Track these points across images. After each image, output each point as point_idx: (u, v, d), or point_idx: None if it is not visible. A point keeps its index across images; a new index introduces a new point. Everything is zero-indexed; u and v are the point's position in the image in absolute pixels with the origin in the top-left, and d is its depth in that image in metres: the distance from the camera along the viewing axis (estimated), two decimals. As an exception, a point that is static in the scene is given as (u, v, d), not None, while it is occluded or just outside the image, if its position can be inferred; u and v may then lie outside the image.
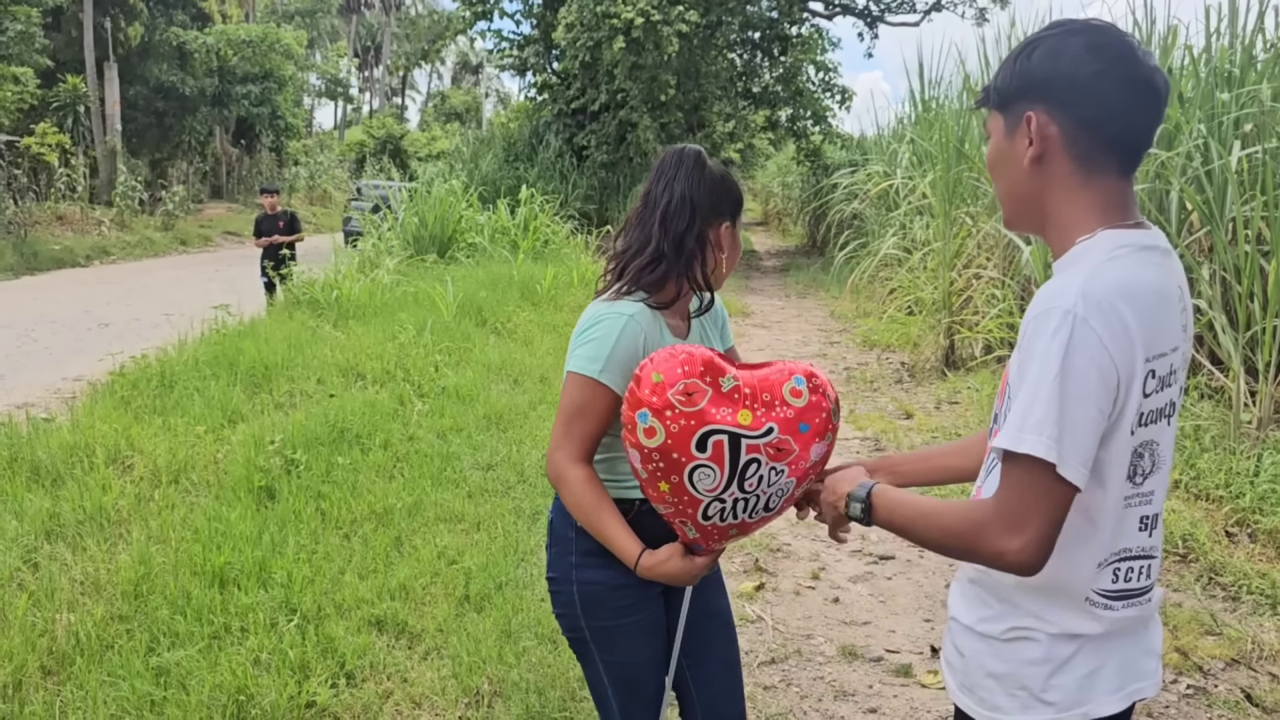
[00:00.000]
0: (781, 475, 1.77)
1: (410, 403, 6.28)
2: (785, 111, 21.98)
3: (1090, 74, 1.39)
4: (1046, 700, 1.45)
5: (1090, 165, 1.42)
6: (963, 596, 1.56)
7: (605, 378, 1.89)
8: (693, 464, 1.73)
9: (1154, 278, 1.39)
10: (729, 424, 1.72)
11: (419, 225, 13.63)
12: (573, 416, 1.93)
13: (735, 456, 1.73)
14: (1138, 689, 1.48)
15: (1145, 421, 1.39)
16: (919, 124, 11.29)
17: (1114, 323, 1.31)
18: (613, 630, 2.06)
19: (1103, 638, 1.45)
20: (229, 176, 31.38)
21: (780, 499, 1.83)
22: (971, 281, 8.75)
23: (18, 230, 18.18)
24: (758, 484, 1.77)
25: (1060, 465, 1.29)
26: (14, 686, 3.05)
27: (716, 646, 2.23)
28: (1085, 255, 1.39)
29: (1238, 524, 4.60)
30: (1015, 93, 1.46)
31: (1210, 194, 5.73)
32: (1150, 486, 1.44)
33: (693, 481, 1.75)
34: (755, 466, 1.74)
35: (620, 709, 2.12)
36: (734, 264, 2.10)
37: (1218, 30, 6.65)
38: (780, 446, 1.74)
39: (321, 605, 3.67)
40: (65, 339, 10.09)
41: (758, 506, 1.81)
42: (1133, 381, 1.34)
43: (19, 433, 5.24)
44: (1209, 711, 3.30)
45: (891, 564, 4.60)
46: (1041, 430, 1.29)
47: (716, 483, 1.74)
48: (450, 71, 66.94)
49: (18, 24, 17.73)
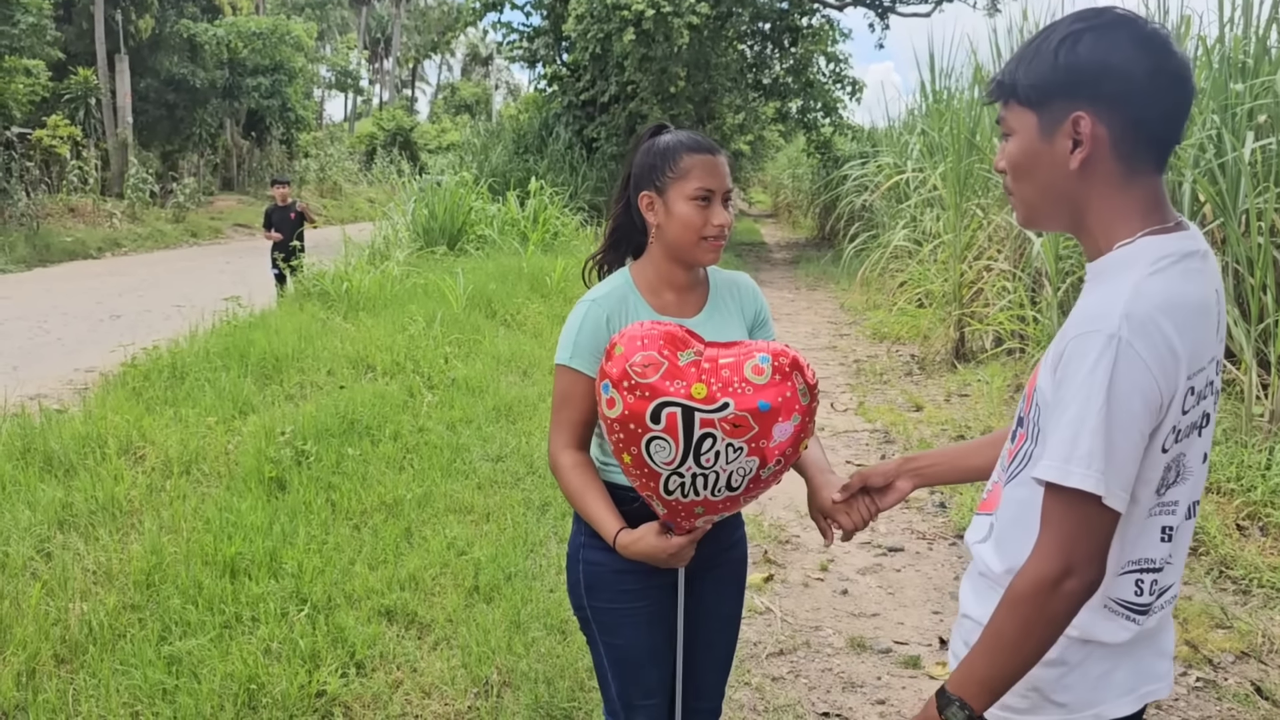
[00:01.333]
0: (741, 453, 1.77)
1: (420, 394, 6.29)
2: (795, 103, 21.91)
3: (1145, 72, 1.32)
4: (1057, 701, 1.43)
5: (1133, 165, 1.36)
6: (975, 593, 1.53)
7: (575, 363, 1.99)
8: (648, 435, 1.76)
9: (1196, 290, 1.34)
10: (681, 396, 1.74)
11: (429, 217, 13.63)
12: (558, 405, 2.03)
13: (689, 430, 1.74)
14: (1150, 690, 1.46)
15: (1180, 438, 1.36)
16: (930, 115, 11.25)
17: (1158, 344, 1.27)
18: (613, 613, 2.10)
19: (1117, 645, 1.43)
20: (239, 169, 31.42)
21: (744, 478, 1.82)
22: (982, 274, 8.72)
23: (30, 222, 18.24)
24: (715, 460, 1.77)
25: (1106, 497, 1.27)
26: (28, 674, 3.08)
27: (717, 646, 2.25)
28: (1128, 266, 1.33)
29: (1249, 517, 4.58)
30: (1058, 89, 1.35)
31: (1223, 185, 5.69)
32: (1174, 496, 1.40)
33: (650, 454, 1.77)
34: (711, 442, 1.75)
35: (619, 693, 2.15)
36: (691, 236, 1.99)
37: (1231, 20, 6.60)
38: (737, 423, 1.74)
39: (332, 595, 3.69)
40: (77, 330, 10.14)
41: (719, 484, 1.81)
42: (1175, 401, 1.31)
43: (32, 423, 5.27)
44: (1219, 705, 3.29)
45: (900, 556, 4.60)
46: (1090, 464, 1.27)
47: (673, 456, 1.76)
48: (460, 63, 67.01)
49: (29, 16, 17.73)
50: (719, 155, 2.03)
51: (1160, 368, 1.28)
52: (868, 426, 6.83)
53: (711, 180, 1.99)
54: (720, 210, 2.01)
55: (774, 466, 1.81)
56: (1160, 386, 1.28)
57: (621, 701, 2.15)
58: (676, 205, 2.00)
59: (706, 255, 2.03)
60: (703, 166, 1.99)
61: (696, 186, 1.98)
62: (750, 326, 2.15)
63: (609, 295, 2.06)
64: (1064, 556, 1.30)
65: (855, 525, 1.92)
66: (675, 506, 1.85)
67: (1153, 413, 1.29)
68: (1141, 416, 1.28)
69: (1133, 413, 1.27)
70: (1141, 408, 1.28)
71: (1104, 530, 1.30)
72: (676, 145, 2.02)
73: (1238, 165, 5.63)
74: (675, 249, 2.03)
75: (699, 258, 2.03)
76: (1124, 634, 1.41)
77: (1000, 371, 7.64)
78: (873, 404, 7.44)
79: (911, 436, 6.48)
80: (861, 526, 1.92)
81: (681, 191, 1.99)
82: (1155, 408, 1.29)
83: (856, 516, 1.91)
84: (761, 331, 2.17)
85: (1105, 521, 1.30)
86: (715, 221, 2.00)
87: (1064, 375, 1.31)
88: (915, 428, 6.71)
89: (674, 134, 2.07)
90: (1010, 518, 1.48)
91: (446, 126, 44.57)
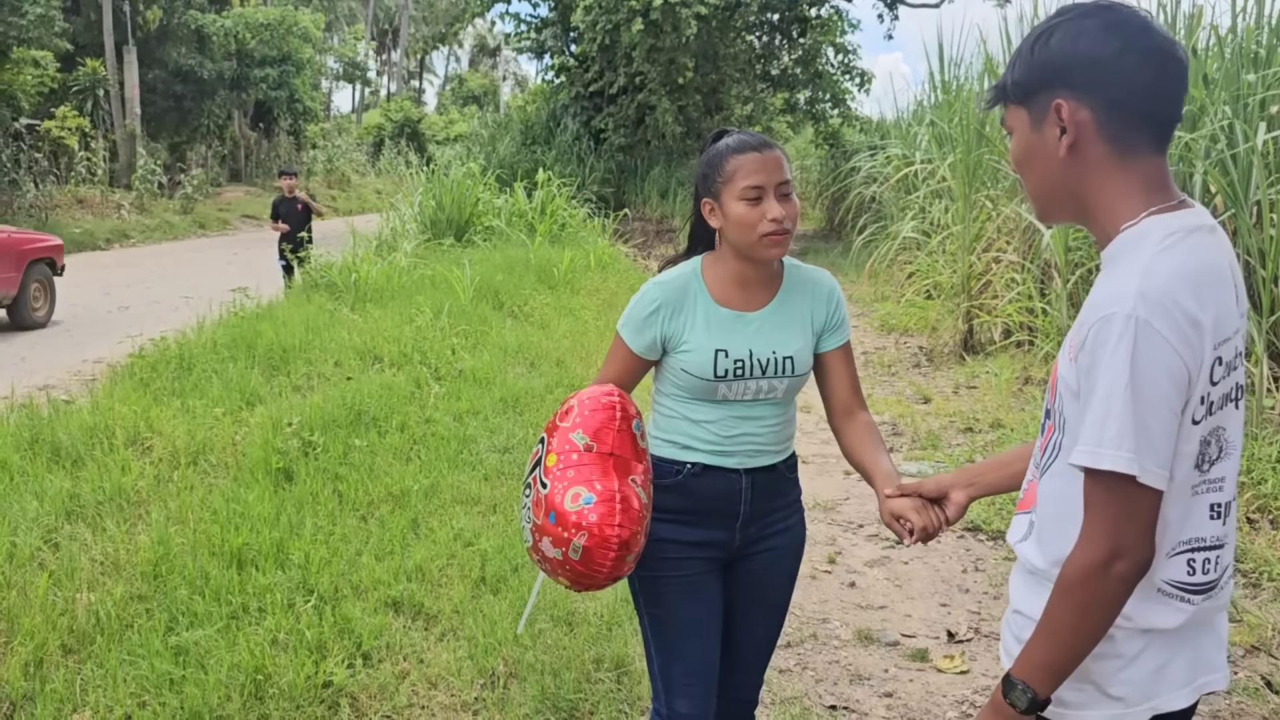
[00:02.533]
0: (527, 512, 2.05)
1: (427, 386, 6.29)
2: (804, 94, 21.79)
3: (1112, 53, 1.37)
4: (1114, 695, 1.42)
5: (1125, 146, 1.40)
6: (1026, 588, 1.51)
7: (623, 332, 2.15)
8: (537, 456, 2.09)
9: (1210, 260, 1.36)
10: (540, 454, 2.06)
11: (436, 209, 13.63)
12: (606, 361, 2.21)
13: (531, 469, 2.07)
14: (1207, 682, 1.45)
15: (1213, 409, 1.37)
16: (939, 106, 11.20)
17: (1177, 318, 1.29)
18: (654, 581, 2.17)
19: (1175, 631, 1.41)
20: (247, 160, 31.45)
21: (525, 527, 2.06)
22: (991, 265, 8.68)
23: (39, 213, 18.30)
24: (525, 497, 2.07)
25: (1141, 475, 1.29)
26: (36, 664, 3.09)
27: (757, 629, 2.29)
28: (1136, 246, 1.36)
29: (1259, 510, 4.56)
30: (1037, 83, 1.43)
31: (1235, 176, 5.65)
32: (1220, 473, 1.41)
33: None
34: (528, 490, 2.05)
35: (661, 669, 2.20)
36: (750, 234, 2.03)
37: (1244, 9, 6.55)
38: (537, 502, 2.01)
39: (338, 586, 3.69)
40: (85, 321, 10.17)
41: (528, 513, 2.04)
42: (1201, 372, 1.32)
43: (40, 414, 5.28)
44: (1228, 699, 3.27)
45: (908, 549, 4.58)
46: (1120, 444, 1.29)
47: (526, 472, 2.13)
48: (468, 54, 66.89)
49: (38, 7, 17.73)
50: (767, 151, 2.05)
51: (1182, 341, 1.29)
52: (875, 418, 6.79)
53: (759, 176, 2.02)
54: (773, 204, 2.02)
55: (540, 559, 2.01)
56: (1185, 360, 1.29)
57: (664, 680, 2.18)
58: (730, 207, 2.04)
59: (769, 251, 2.05)
60: (748, 164, 2.03)
61: (744, 186, 2.02)
62: (820, 330, 2.17)
63: (670, 282, 2.14)
64: (1110, 540, 1.32)
65: (927, 525, 1.91)
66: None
67: (1180, 388, 1.30)
68: (1170, 393, 1.30)
69: (1159, 390, 1.29)
70: (1168, 384, 1.29)
71: (1147, 510, 1.32)
72: (724, 149, 2.08)
73: (1249, 156, 5.59)
74: (739, 248, 2.08)
75: (762, 254, 2.06)
76: (1179, 617, 1.40)
77: (1009, 364, 7.61)
78: (880, 396, 7.42)
79: (920, 429, 6.46)
80: (934, 530, 1.92)
81: (732, 193, 2.04)
82: (1182, 382, 1.30)
83: (928, 518, 1.92)
84: (833, 336, 2.18)
85: (1147, 501, 1.32)
86: (769, 216, 2.01)
87: (1089, 362, 1.33)
88: (923, 420, 6.69)
89: (727, 138, 2.11)
90: (1048, 512, 1.48)
91: (454, 118, 44.52)
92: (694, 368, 2.08)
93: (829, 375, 2.19)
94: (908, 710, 3.24)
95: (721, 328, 2.09)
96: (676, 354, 2.10)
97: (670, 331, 2.10)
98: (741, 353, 2.08)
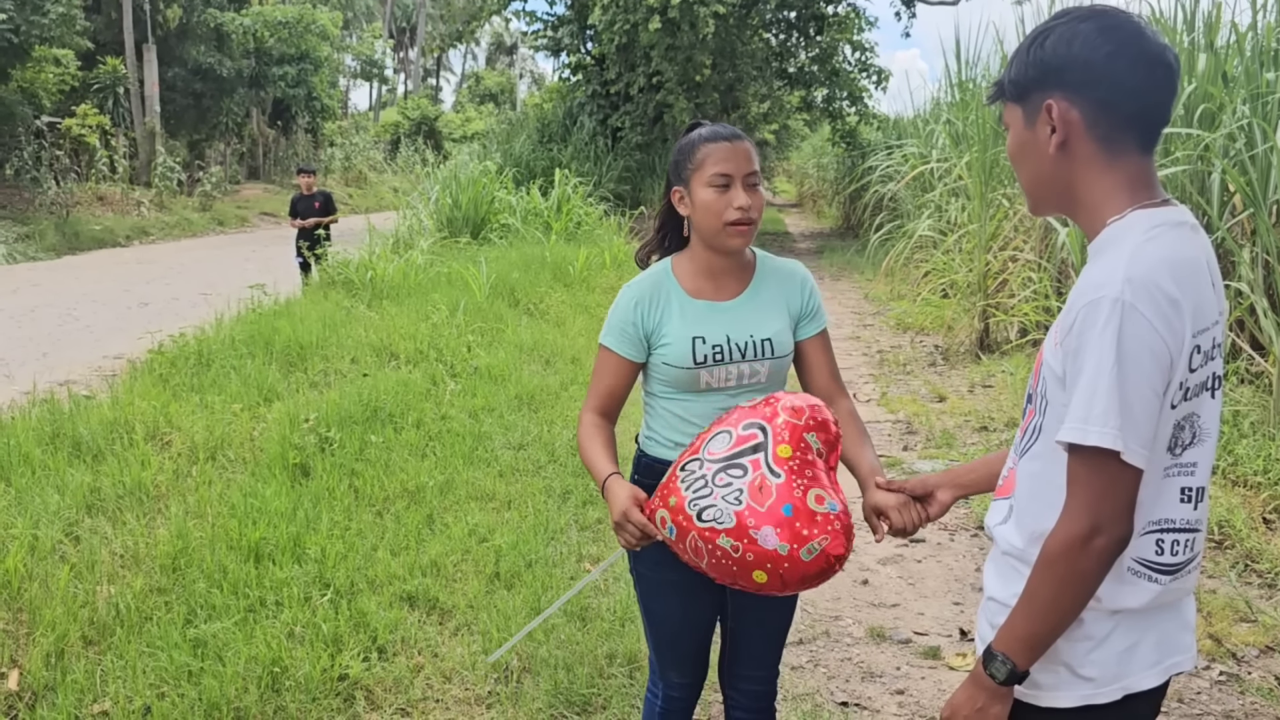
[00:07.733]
0: (733, 505, 1.84)
1: (443, 382, 6.33)
2: (821, 92, 21.71)
3: (1104, 56, 1.42)
4: (1085, 676, 1.47)
5: (1112, 145, 1.46)
6: (998, 575, 1.57)
7: (607, 340, 2.18)
8: (722, 426, 1.97)
9: (1191, 252, 1.43)
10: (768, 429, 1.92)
11: (452, 206, 13.67)
12: (593, 376, 2.23)
13: (741, 447, 1.89)
14: (1175, 663, 1.51)
15: (1189, 395, 1.42)
16: (956, 104, 11.15)
17: (1161, 303, 1.35)
18: (648, 580, 2.24)
19: (1142, 612, 1.46)
20: (265, 158, 31.62)
21: (712, 524, 1.85)
22: (1007, 264, 8.65)
23: (60, 210, 18.46)
24: (728, 484, 1.85)
25: (1125, 453, 1.34)
26: (57, 655, 3.13)
27: (768, 622, 2.31)
28: (1122, 237, 1.42)
29: (1275, 511, 4.53)
30: (1031, 82, 1.49)
31: (1253, 176, 5.61)
32: (1192, 458, 1.46)
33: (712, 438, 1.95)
34: (741, 472, 1.86)
35: (656, 657, 2.31)
36: (715, 221, 2.05)
37: (1264, 6, 6.50)
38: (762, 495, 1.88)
39: (354, 580, 3.72)
40: (105, 317, 10.25)
41: (704, 504, 1.85)
42: (1181, 356, 1.38)
43: (61, 409, 5.33)
44: (1242, 699, 3.27)
45: (921, 547, 4.59)
46: (1106, 422, 1.34)
47: (722, 449, 1.90)
48: (485, 52, 66.97)
49: (59, 6, 17.86)
50: (737, 141, 2.08)
51: (1165, 324, 1.35)
52: (890, 417, 6.80)
53: (728, 165, 2.05)
54: (740, 193, 2.05)
55: (738, 547, 1.81)
56: (1168, 343, 1.35)
57: (660, 667, 2.31)
58: (699, 194, 2.07)
59: (733, 240, 2.08)
60: (719, 153, 2.06)
61: (713, 173, 2.05)
62: (798, 316, 2.20)
63: (643, 282, 2.17)
64: (1091, 515, 1.37)
65: (905, 524, 1.96)
66: (669, 490, 1.93)
67: (1163, 369, 1.36)
68: (1152, 374, 1.36)
69: (1143, 371, 1.35)
70: (1151, 365, 1.35)
71: (1127, 487, 1.37)
72: (696, 139, 2.11)
73: (1269, 156, 5.55)
74: (705, 237, 2.11)
75: (726, 243, 2.09)
76: (1146, 596, 1.46)
77: (1025, 363, 7.58)
78: (895, 395, 7.41)
79: (934, 428, 6.45)
80: (911, 528, 1.96)
81: (701, 180, 2.07)
82: (1165, 364, 1.36)
83: (908, 516, 1.96)
84: (810, 324, 2.20)
85: (1128, 478, 1.37)
86: (735, 204, 2.04)
87: (1077, 344, 1.39)
88: (938, 419, 6.68)
89: (700, 129, 2.14)
90: (1026, 492, 1.54)
91: (471, 115, 44.58)
92: (674, 358, 2.11)
93: (808, 363, 2.22)
94: (919, 708, 3.25)
95: (697, 316, 2.12)
96: (658, 349, 2.14)
97: (650, 326, 2.14)
98: (719, 338, 2.11)
